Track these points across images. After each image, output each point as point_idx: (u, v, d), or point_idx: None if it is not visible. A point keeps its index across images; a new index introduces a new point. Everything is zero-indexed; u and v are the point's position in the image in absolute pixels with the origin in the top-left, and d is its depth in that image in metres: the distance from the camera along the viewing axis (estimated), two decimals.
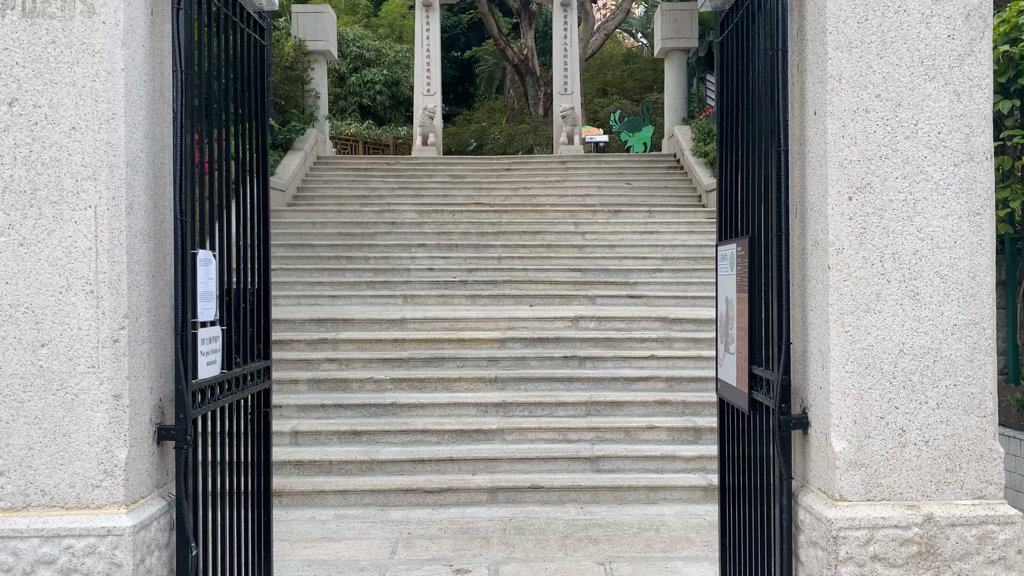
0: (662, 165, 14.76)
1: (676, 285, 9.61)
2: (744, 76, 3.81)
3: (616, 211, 11.64)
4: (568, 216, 11.49)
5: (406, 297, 9.22)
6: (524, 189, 13.19)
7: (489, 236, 10.85)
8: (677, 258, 10.24)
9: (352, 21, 33.27)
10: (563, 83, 17.83)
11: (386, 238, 10.86)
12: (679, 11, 15.82)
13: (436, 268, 9.95)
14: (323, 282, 9.62)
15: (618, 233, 10.96)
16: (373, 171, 14.35)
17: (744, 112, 3.79)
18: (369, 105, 29.97)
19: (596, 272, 9.94)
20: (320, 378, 7.10)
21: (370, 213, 11.62)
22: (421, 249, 10.51)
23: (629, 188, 13.35)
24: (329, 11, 15.79)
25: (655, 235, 10.92)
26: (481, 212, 11.64)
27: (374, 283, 9.58)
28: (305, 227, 11.16)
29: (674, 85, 16.10)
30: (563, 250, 10.52)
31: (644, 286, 9.60)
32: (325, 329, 8.00)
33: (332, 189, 13.38)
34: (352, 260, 10.23)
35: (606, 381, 7.06)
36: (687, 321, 8.02)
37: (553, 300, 9.21)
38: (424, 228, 11.10)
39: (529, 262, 10.19)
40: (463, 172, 14.22)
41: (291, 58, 14.74)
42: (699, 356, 7.39)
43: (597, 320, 8.07)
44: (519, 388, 7.04)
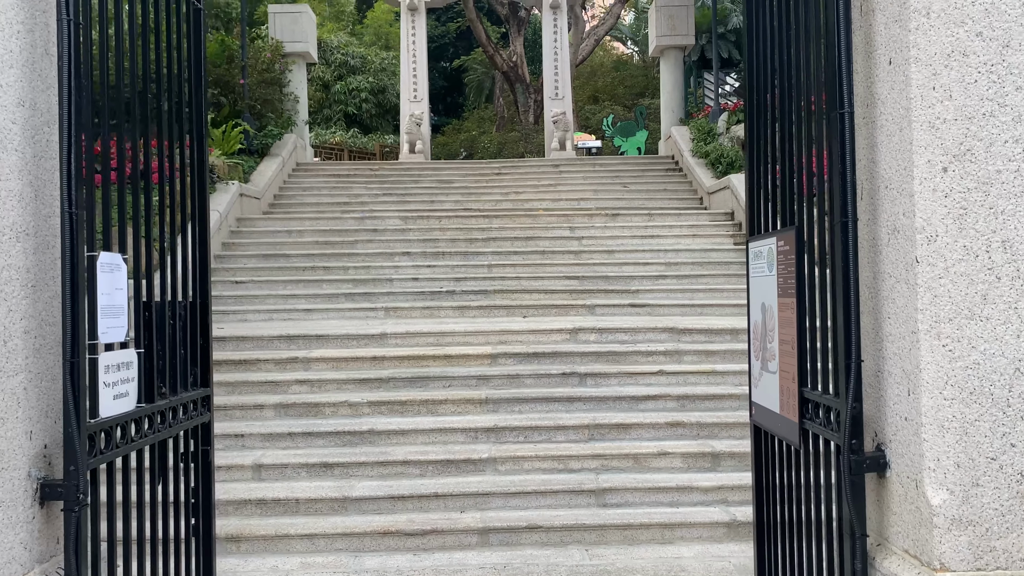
0: (660, 167, 14.10)
1: (682, 292, 8.91)
2: (781, 31, 3.12)
3: (614, 215, 10.95)
4: (563, 220, 10.80)
5: (388, 310, 8.49)
6: (516, 193, 12.50)
7: (479, 243, 10.14)
8: (681, 263, 9.55)
9: (337, 28, 32.65)
10: (554, 88, 17.21)
11: (367, 246, 10.12)
12: (675, 7, 15.22)
13: (421, 278, 9.22)
14: (298, 295, 8.87)
15: (617, 238, 10.26)
16: (355, 177, 13.64)
17: (783, 75, 3.10)
18: (355, 113, 29.30)
19: (594, 280, 9.23)
20: (289, 402, 6.35)
21: (351, 220, 10.90)
22: (405, 258, 9.78)
23: (626, 191, 12.68)
24: (308, 11, 15.13)
25: (656, 239, 10.23)
26: (470, 217, 10.93)
27: (353, 295, 8.84)
28: (280, 236, 10.42)
29: (670, 84, 15.47)
30: (558, 256, 9.81)
31: (647, 294, 8.89)
32: (296, 347, 7.25)
33: (311, 196, 12.66)
34: (330, 271, 9.49)
35: (610, 400, 6.33)
36: (697, 332, 7.31)
37: (549, 311, 8.49)
38: (408, 235, 10.38)
39: (522, 270, 9.48)
40: (451, 177, 13.52)
41: (267, 60, 14.05)
42: (712, 370, 6.68)
43: (598, 332, 7.36)
44: (513, 410, 6.30)
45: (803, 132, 2.91)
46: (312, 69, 28.77)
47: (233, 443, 5.98)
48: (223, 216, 10.11)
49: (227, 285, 9.11)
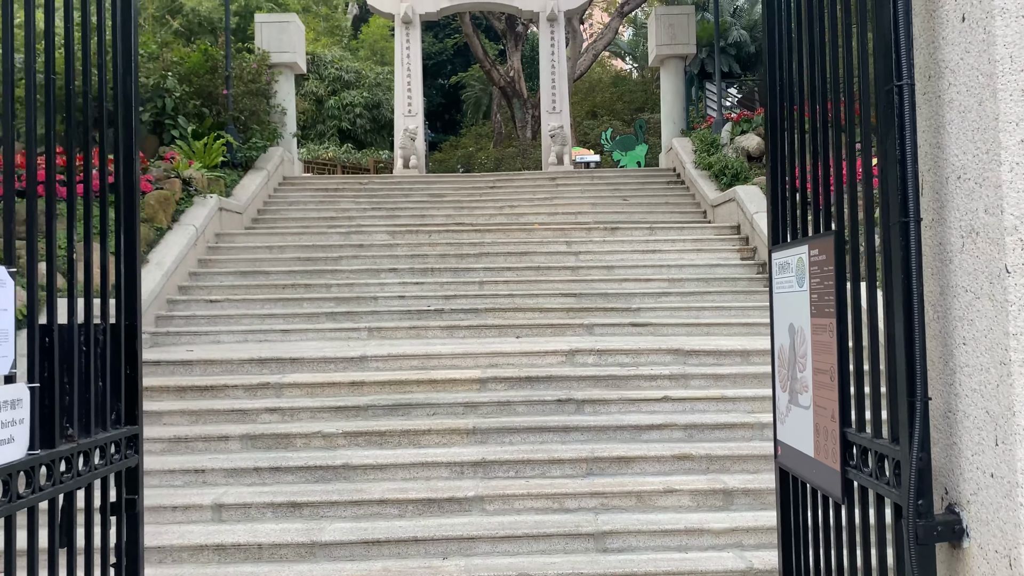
0: (661, 180, 13.63)
1: (686, 311, 8.38)
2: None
3: (613, 228, 10.45)
4: (559, 235, 10.29)
5: (371, 330, 7.95)
6: (510, 207, 12.02)
7: (470, 258, 9.63)
8: (685, 279, 9.03)
9: (331, 43, 32.37)
10: (551, 101, 16.82)
11: (352, 263, 9.61)
12: (675, 16, 14.83)
13: (408, 296, 8.70)
14: (275, 314, 8.34)
15: (616, 253, 9.75)
16: (344, 191, 13.16)
17: (816, 49, 2.60)
18: (349, 129, 28.91)
19: (593, 297, 8.71)
20: (257, 433, 5.80)
21: (335, 235, 10.39)
22: (392, 275, 9.26)
23: (626, 204, 12.20)
24: (296, 21, 14.73)
25: (658, 254, 9.73)
26: (461, 232, 10.43)
27: (335, 314, 8.31)
28: (260, 252, 9.91)
29: (671, 95, 15.05)
30: (554, 273, 9.30)
31: (649, 312, 8.37)
32: (268, 371, 6.71)
33: (297, 211, 12.17)
34: (311, 288, 8.97)
35: (610, 430, 5.78)
36: (704, 353, 6.78)
37: (544, 330, 7.96)
38: (396, 251, 9.87)
39: (515, 287, 8.96)
40: (443, 191, 13.04)
41: (253, 70, 13.61)
42: (722, 396, 6.14)
43: (596, 354, 6.82)
44: (503, 441, 5.76)
45: (836, 119, 2.40)
46: (305, 84, 28.45)
47: (193, 479, 5.43)
48: (199, 231, 9.61)
49: (201, 304, 8.59)
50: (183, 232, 9.38)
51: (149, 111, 12.05)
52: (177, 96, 12.29)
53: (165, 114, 12.18)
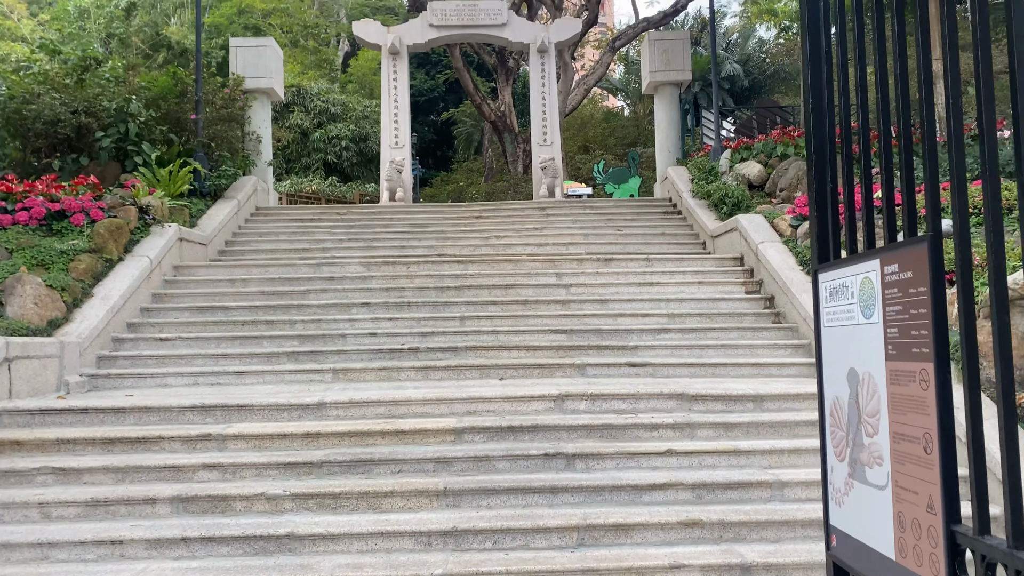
0: (656, 210, 12.97)
1: (688, 349, 7.61)
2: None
3: (606, 260, 9.72)
4: (548, 266, 9.56)
5: (337, 372, 7.14)
6: (497, 238, 11.30)
7: (451, 291, 8.87)
8: (686, 315, 8.28)
9: (318, 76, 31.99)
10: (542, 133, 16.27)
11: (321, 296, 8.83)
12: (669, 41, 14.33)
13: (380, 333, 7.91)
14: (231, 354, 7.53)
15: (610, 285, 9.01)
16: (320, 222, 12.42)
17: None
18: (335, 162, 28.36)
19: (585, 334, 7.94)
20: (191, 494, 4.96)
21: (305, 267, 9.62)
22: (363, 309, 8.48)
23: (620, 235, 11.50)
24: (273, 45, 14.15)
25: (656, 287, 8.98)
26: (443, 263, 9.68)
27: (297, 354, 7.50)
28: (221, 286, 9.12)
29: (666, 123, 14.47)
30: (543, 307, 8.54)
31: (647, 351, 7.59)
32: (212, 420, 5.88)
33: (267, 243, 11.42)
34: (274, 325, 8.17)
35: (606, 491, 4.97)
36: (712, 398, 5.99)
37: (530, 371, 7.17)
38: (370, 283, 9.10)
39: (500, 322, 8.18)
40: (426, 221, 12.33)
41: (226, 95, 12.98)
42: (735, 449, 5.34)
43: (590, 399, 6.02)
44: (479, 504, 4.93)
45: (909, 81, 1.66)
46: (290, 116, 27.95)
47: (108, 553, 4.58)
48: (154, 263, 8.83)
49: (150, 343, 7.77)
50: (135, 264, 8.60)
51: (111, 136, 11.35)
52: (142, 121, 11.62)
53: (128, 140, 11.49)
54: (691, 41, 19.57)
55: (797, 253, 8.60)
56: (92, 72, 12.57)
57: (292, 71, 31.07)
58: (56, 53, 13.72)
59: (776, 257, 8.66)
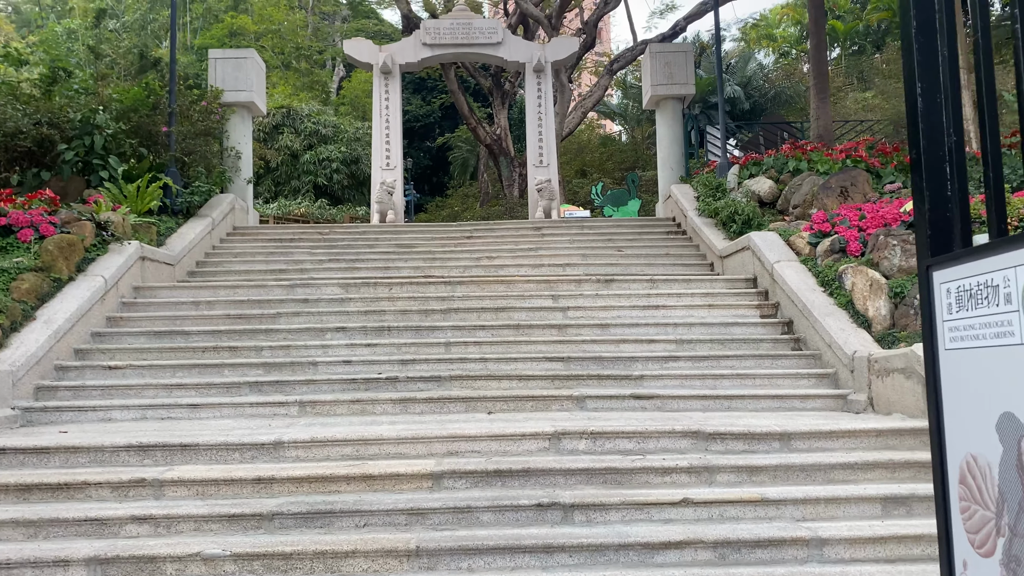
0: (659, 230, 12.26)
1: (700, 379, 6.85)
2: None
3: (607, 281, 8.98)
4: (544, 288, 8.81)
5: (304, 405, 6.35)
6: (488, 259, 10.56)
7: (436, 315, 8.11)
8: (696, 341, 7.52)
9: (310, 97, 31.50)
10: (538, 154, 15.67)
11: (292, 320, 8.06)
12: (671, 53, 13.74)
13: (356, 360, 7.13)
14: (187, 384, 6.73)
15: (611, 309, 8.26)
16: (300, 242, 11.70)
17: None
18: (325, 184, 27.75)
19: (584, 362, 7.17)
20: (112, 554, 4.15)
21: (278, 289, 8.86)
22: (339, 334, 7.71)
23: (621, 256, 10.78)
24: (254, 57, 13.53)
25: (662, 311, 8.23)
26: (428, 284, 8.93)
27: (261, 385, 6.72)
28: (184, 308, 8.35)
29: (668, 139, 13.83)
30: (537, 332, 7.77)
31: (654, 381, 6.82)
32: (152, 461, 5.08)
33: (242, 263, 10.67)
34: (237, 352, 7.39)
35: (610, 550, 4.17)
36: (731, 436, 5.21)
37: (522, 404, 6.39)
38: (348, 306, 8.34)
39: (489, 349, 7.42)
40: (413, 241, 11.61)
41: (202, 108, 12.32)
42: (762, 498, 4.55)
43: (590, 437, 5.23)
44: (458, 567, 4.12)
45: None
46: (279, 137, 27.39)
47: None
48: (109, 283, 8.06)
49: (97, 371, 6.98)
50: (87, 284, 7.83)
51: (75, 149, 10.65)
52: (110, 133, 10.92)
53: (95, 153, 10.78)
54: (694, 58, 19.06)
55: (817, 273, 7.87)
56: (62, 84, 11.91)
57: (283, 92, 30.67)
58: (22, 64, 13.07)
59: (794, 278, 7.93)
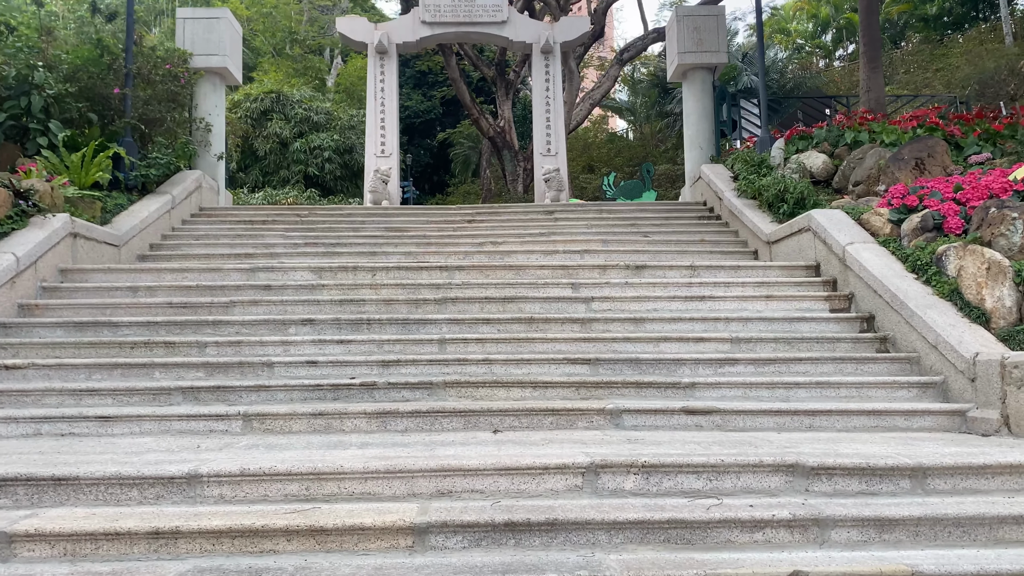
0: (690, 215, 10.76)
1: (768, 389, 5.34)
2: None
3: (637, 268, 7.49)
4: (561, 275, 7.33)
5: (249, 418, 4.85)
6: (493, 244, 9.05)
7: (429, 306, 6.61)
8: (756, 340, 6.02)
9: (302, 83, 30.02)
10: (545, 142, 14.27)
11: (249, 311, 6.56)
12: (701, 17, 12.25)
13: (324, 361, 5.63)
14: (102, 389, 5.24)
15: (645, 300, 6.76)
16: (274, 224, 10.21)
17: None
18: (316, 175, 26.21)
19: (615, 365, 5.67)
20: None
21: (236, 274, 7.38)
22: (305, 328, 6.21)
23: (648, 243, 9.27)
24: (228, 17, 12.06)
25: (708, 303, 6.74)
26: (420, 270, 7.44)
27: (198, 391, 5.22)
28: (119, 295, 6.86)
29: (696, 114, 12.32)
30: (555, 327, 6.28)
31: (709, 390, 5.32)
32: (10, 502, 3.58)
33: (203, 246, 9.17)
34: (174, 349, 5.89)
35: None
36: (841, 472, 3.70)
37: (539, 420, 4.89)
38: (320, 294, 6.84)
39: (495, 348, 5.92)
40: (406, 224, 10.11)
41: (166, 71, 10.84)
42: (914, 573, 3.04)
43: (640, 471, 3.73)
44: None
45: None
46: (268, 124, 25.92)
47: None
48: (23, 263, 6.57)
49: None
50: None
51: (7, 111, 9.17)
52: (51, 94, 9.44)
53: (32, 116, 9.30)
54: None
55: (905, 256, 6.36)
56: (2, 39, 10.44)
57: (275, 79, 29.26)
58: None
59: (876, 263, 6.42)
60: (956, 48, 27.51)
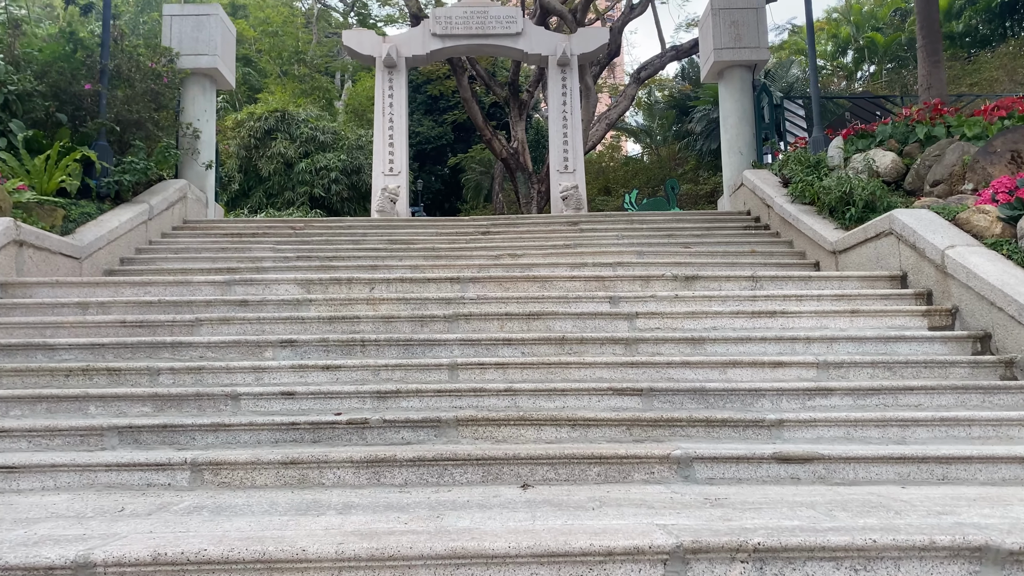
0: (734, 224, 9.59)
1: (878, 427, 4.13)
2: None
3: (688, 279, 6.32)
4: (596, 287, 6.17)
5: (200, 469, 3.69)
6: (511, 257, 7.91)
7: (437, 324, 5.45)
8: (849, 364, 4.82)
9: (309, 103, 29.21)
10: (563, 159, 13.28)
11: (218, 330, 5.42)
12: (739, 10, 11.19)
13: (303, 392, 4.47)
14: (15, 430, 4.09)
15: (702, 316, 5.58)
16: (265, 236, 9.13)
17: None
18: (322, 196, 25.23)
19: (674, 396, 4.48)
20: None
21: (208, 288, 6.26)
22: (285, 351, 5.06)
23: (689, 255, 8.11)
24: (220, 14, 11.10)
25: (780, 319, 5.55)
26: (428, 283, 6.30)
27: (140, 431, 4.07)
28: (65, 312, 5.75)
29: (735, 116, 11.21)
30: (592, 349, 5.10)
31: (801, 429, 4.11)
32: None
33: (181, 260, 8.08)
34: (119, 377, 4.76)
35: None
36: None
37: (582, 471, 3.70)
38: (306, 310, 5.71)
39: (519, 375, 4.74)
40: (412, 236, 9.01)
41: (148, 69, 9.85)
42: None
43: (751, 558, 2.53)
44: None
45: None
46: (272, 144, 25.04)
47: None
48: None
49: None
50: None
51: None
52: (13, 91, 8.46)
53: None
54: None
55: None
56: None
57: (282, 99, 28.49)
58: None
59: (991, 269, 5.23)
60: (988, 63, 26.56)
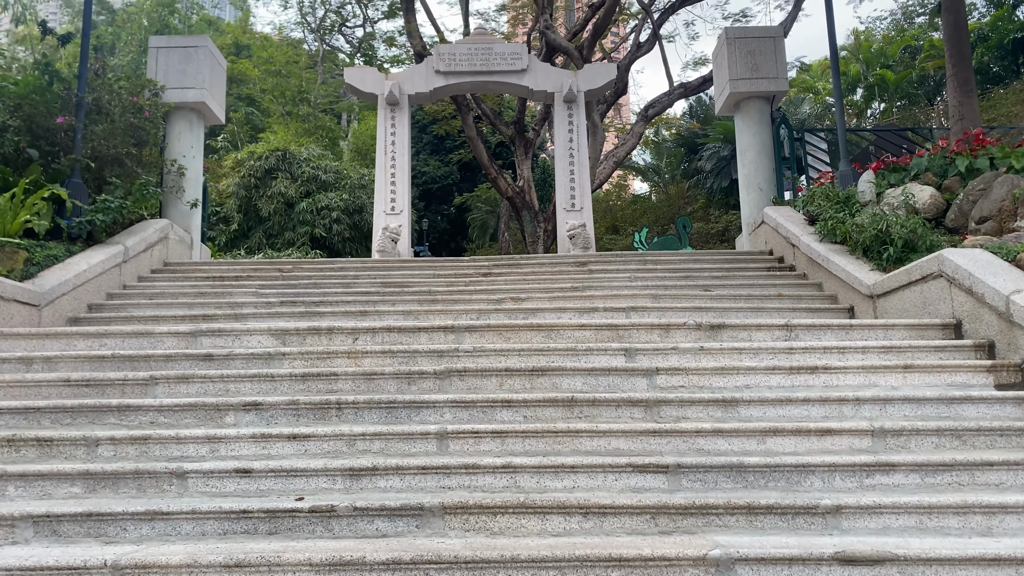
0: (756, 265, 8.92)
1: (957, 513, 3.40)
2: None
3: (713, 328, 5.63)
4: (609, 337, 5.48)
5: (121, 572, 2.98)
6: (514, 301, 7.24)
7: (426, 380, 4.77)
8: (910, 431, 4.10)
9: (311, 141, 28.91)
10: (569, 197, 12.79)
11: (175, 389, 4.75)
12: (755, 40, 10.68)
13: (260, 470, 3.77)
14: None
15: (732, 371, 4.87)
16: (249, 280, 8.51)
17: None
18: (323, 236, 24.72)
19: (706, 474, 3.76)
20: None
21: (171, 339, 5.60)
22: (248, 416, 4.38)
23: (710, 298, 7.43)
24: (208, 46, 10.65)
25: (822, 376, 4.84)
26: (418, 332, 5.63)
27: (61, 521, 3.36)
28: (5, 368, 5.09)
29: (754, 150, 10.62)
30: (606, 413, 4.39)
31: (861, 516, 3.39)
32: None
33: (154, 307, 7.45)
34: (49, 448, 4.07)
35: None
36: None
37: (598, 574, 2.97)
38: (278, 366, 5.04)
39: (520, 446, 4.04)
40: (407, 279, 8.37)
41: (130, 103, 9.36)
42: None
43: None
44: None
45: None
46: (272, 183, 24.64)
47: None
48: None
49: None
50: None
51: None
52: None
53: None
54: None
55: None
56: None
57: (284, 138, 28.21)
58: None
59: None
60: (1003, 100, 26.24)
